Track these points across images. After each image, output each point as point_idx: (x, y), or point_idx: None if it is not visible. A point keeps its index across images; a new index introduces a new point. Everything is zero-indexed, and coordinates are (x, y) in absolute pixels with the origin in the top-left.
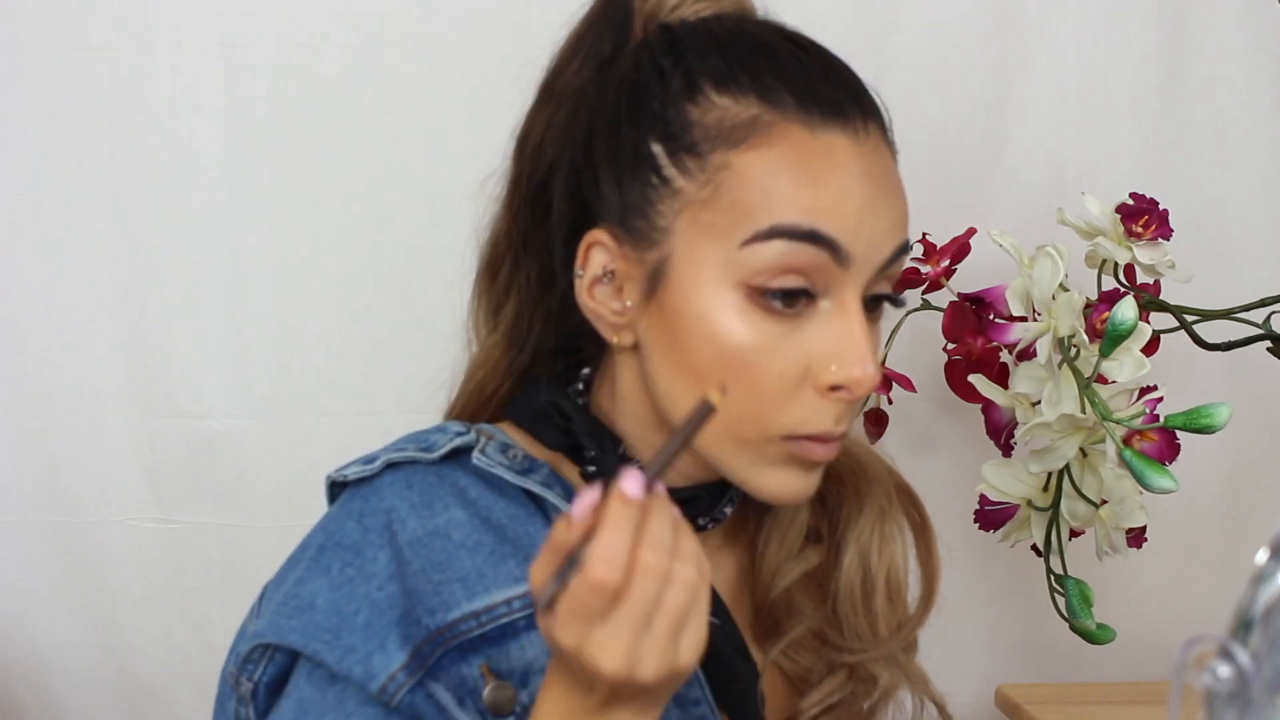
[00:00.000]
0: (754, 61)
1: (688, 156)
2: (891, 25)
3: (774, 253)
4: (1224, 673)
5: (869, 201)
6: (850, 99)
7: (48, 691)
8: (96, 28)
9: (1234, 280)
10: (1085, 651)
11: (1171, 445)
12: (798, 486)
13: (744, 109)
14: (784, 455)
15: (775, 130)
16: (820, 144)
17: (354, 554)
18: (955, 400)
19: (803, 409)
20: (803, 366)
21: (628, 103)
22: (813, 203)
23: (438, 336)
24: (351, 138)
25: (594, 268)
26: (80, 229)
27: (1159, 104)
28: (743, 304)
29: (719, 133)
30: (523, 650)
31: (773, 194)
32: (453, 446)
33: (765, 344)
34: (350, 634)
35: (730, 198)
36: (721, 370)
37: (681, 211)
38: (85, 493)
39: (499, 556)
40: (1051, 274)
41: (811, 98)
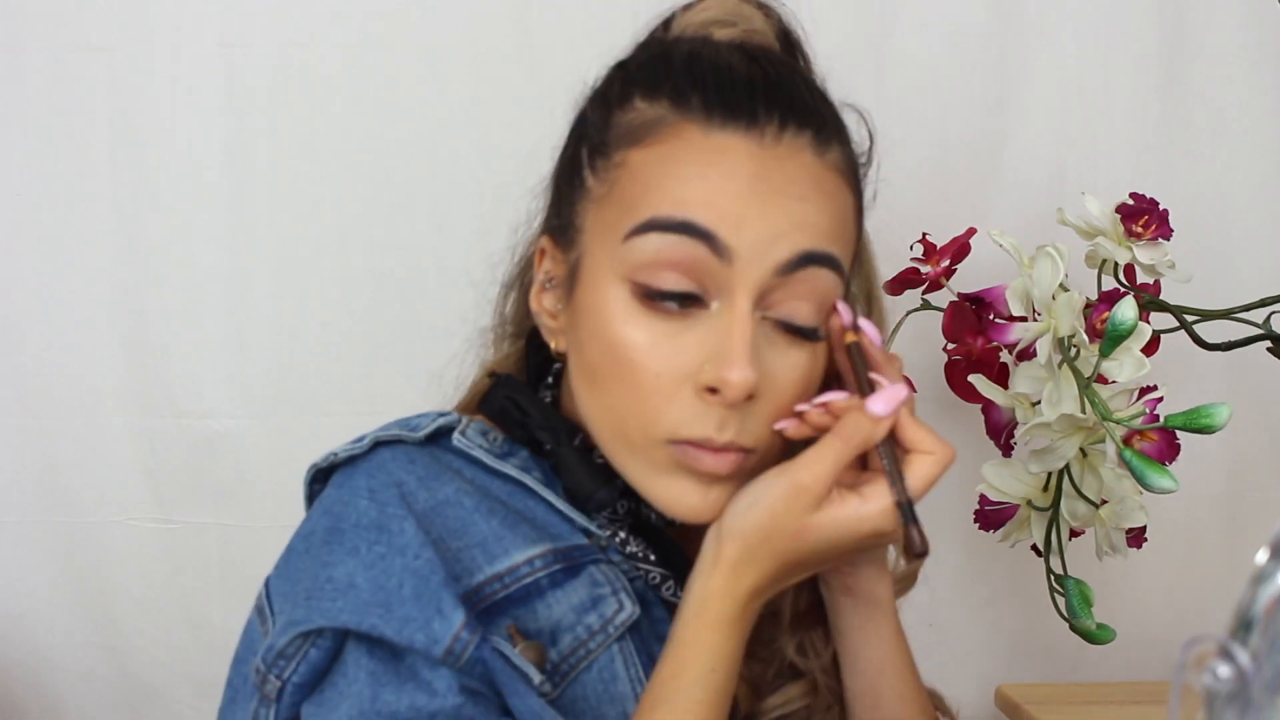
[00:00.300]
0: (681, 70)
1: (598, 157)
2: (891, 25)
3: (651, 246)
4: (1224, 673)
5: (755, 198)
6: (771, 107)
7: (48, 691)
8: (96, 28)
9: (1234, 280)
10: (1085, 651)
11: (1171, 445)
12: (693, 500)
13: (654, 110)
14: (672, 462)
15: (672, 129)
16: (713, 143)
17: (379, 531)
18: (955, 400)
19: (681, 411)
20: (682, 368)
21: (580, 113)
22: (688, 195)
23: (438, 336)
24: (351, 138)
25: (541, 273)
26: (80, 229)
27: (1159, 104)
28: (629, 300)
29: (626, 132)
30: (549, 609)
31: (652, 188)
32: (435, 427)
33: (647, 342)
34: (401, 606)
35: (620, 193)
36: (609, 369)
37: (588, 210)
38: (85, 493)
39: (512, 520)
40: (1051, 274)
41: (719, 101)
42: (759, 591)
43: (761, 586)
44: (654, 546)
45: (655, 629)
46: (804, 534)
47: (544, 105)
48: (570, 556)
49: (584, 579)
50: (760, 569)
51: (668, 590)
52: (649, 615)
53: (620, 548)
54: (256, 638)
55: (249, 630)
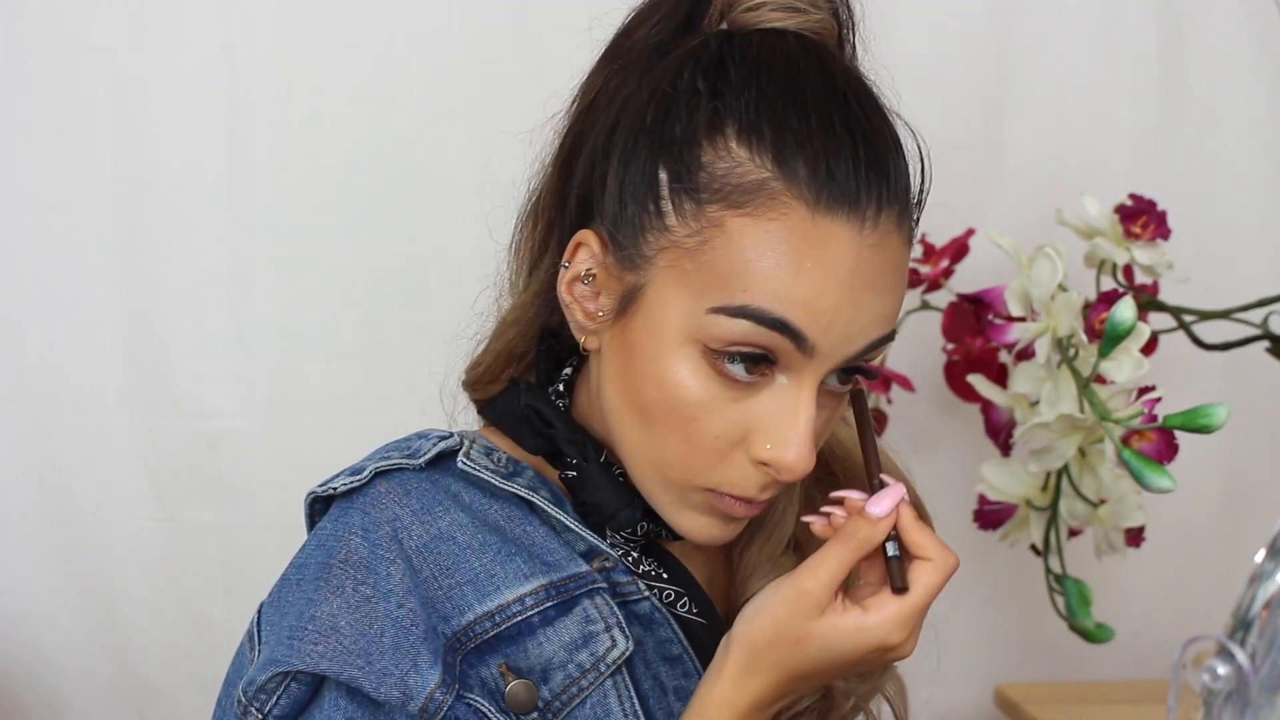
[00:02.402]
0: (784, 118)
1: (687, 198)
2: (891, 25)
3: (738, 330)
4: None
5: (850, 299)
6: (869, 184)
7: (50, 690)
8: (97, 28)
9: (1232, 281)
10: (1084, 651)
11: (1170, 445)
12: (715, 532)
13: (755, 169)
14: (705, 504)
15: (777, 203)
16: (818, 231)
17: (366, 571)
18: (954, 400)
19: (731, 471)
20: (742, 432)
21: (655, 112)
22: (789, 292)
23: (439, 336)
24: (352, 138)
25: (578, 265)
26: (81, 229)
27: (1158, 105)
28: (698, 360)
29: (723, 187)
30: (540, 647)
31: (753, 271)
32: (437, 451)
33: (710, 403)
34: (380, 657)
35: (713, 257)
36: (663, 415)
37: (666, 249)
38: (87, 492)
39: (505, 555)
40: (1050, 274)
41: (826, 177)
42: (761, 703)
43: (764, 697)
44: (664, 564)
45: (662, 649)
46: (806, 641)
47: (545, 106)
48: (564, 590)
49: (576, 615)
50: (764, 678)
51: (683, 607)
52: (655, 635)
53: (633, 567)
54: (244, 663)
55: (240, 654)
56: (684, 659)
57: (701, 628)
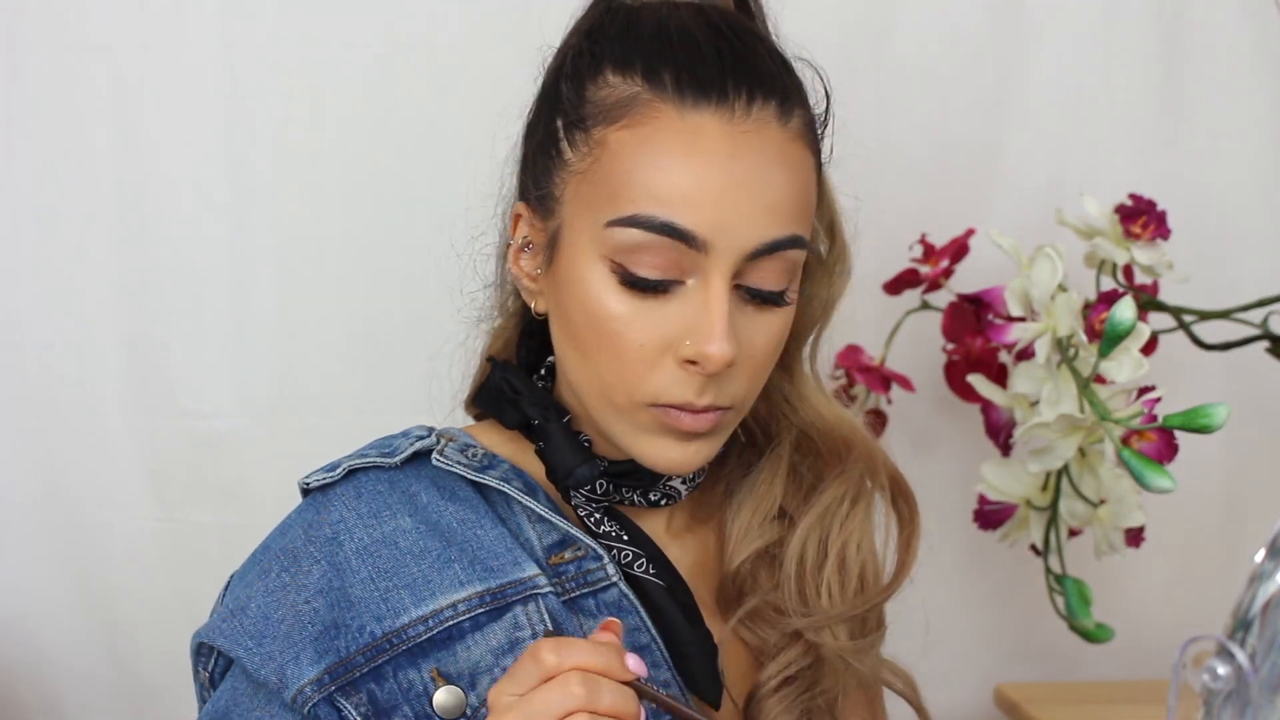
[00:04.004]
0: (650, 44)
1: (577, 130)
2: (891, 27)
3: (632, 239)
4: (1222, 671)
5: (733, 188)
6: (737, 78)
7: (50, 690)
8: (97, 27)
9: (1232, 281)
10: (1084, 651)
11: (1170, 445)
12: (674, 454)
13: (628, 87)
14: (655, 423)
15: (649, 110)
16: (688, 126)
17: (292, 560)
18: (954, 400)
19: (663, 379)
20: (664, 340)
21: (550, 81)
22: (669, 191)
23: (439, 336)
24: (353, 137)
25: (518, 237)
26: (81, 229)
27: (1157, 105)
28: (609, 277)
29: (602, 109)
30: (469, 652)
31: (635, 180)
32: (414, 450)
33: (629, 315)
34: (271, 642)
35: (603, 174)
36: (593, 338)
37: (569, 182)
38: (87, 493)
39: (444, 561)
40: (1050, 274)
41: (690, 77)
42: None
43: None
44: (626, 529)
45: (631, 638)
46: None
47: None
48: (500, 596)
49: (506, 621)
50: None
51: (640, 567)
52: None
53: (594, 528)
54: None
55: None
56: (652, 648)
57: (659, 589)
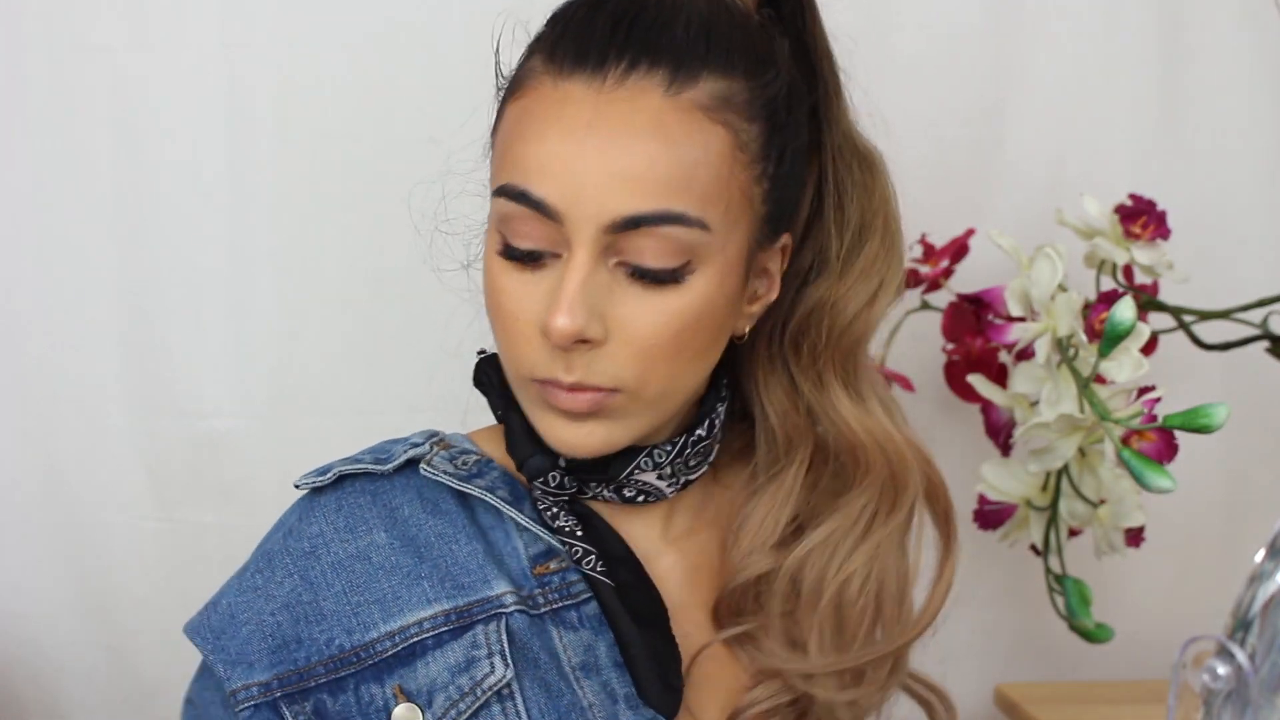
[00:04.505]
0: (564, 19)
1: (499, 106)
2: (891, 26)
3: (502, 209)
4: (1222, 671)
5: (582, 154)
6: (622, 45)
7: (50, 690)
8: (97, 28)
9: (1232, 281)
10: (1084, 651)
11: (1170, 445)
12: (563, 434)
13: (531, 62)
14: (540, 400)
15: (532, 81)
16: (558, 94)
17: (267, 564)
18: (954, 400)
19: (535, 353)
20: (535, 313)
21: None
22: (526, 160)
23: (439, 336)
24: (353, 137)
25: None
26: (81, 229)
27: (1157, 105)
28: (495, 248)
29: (511, 84)
30: (428, 668)
31: (509, 150)
32: (406, 458)
33: (510, 288)
34: (230, 640)
35: (497, 145)
36: (490, 309)
37: (490, 159)
38: (87, 493)
39: (414, 578)
40: (1050, 274)
41: (571, 46)
42: None
43: None
44: (586, 526)
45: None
46: None
47: None
48: (465, 615)
49: (465, 640)
50: None
51: (588, 564)
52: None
53: (550, 522)
54: None
55: None
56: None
57: (607, 589)
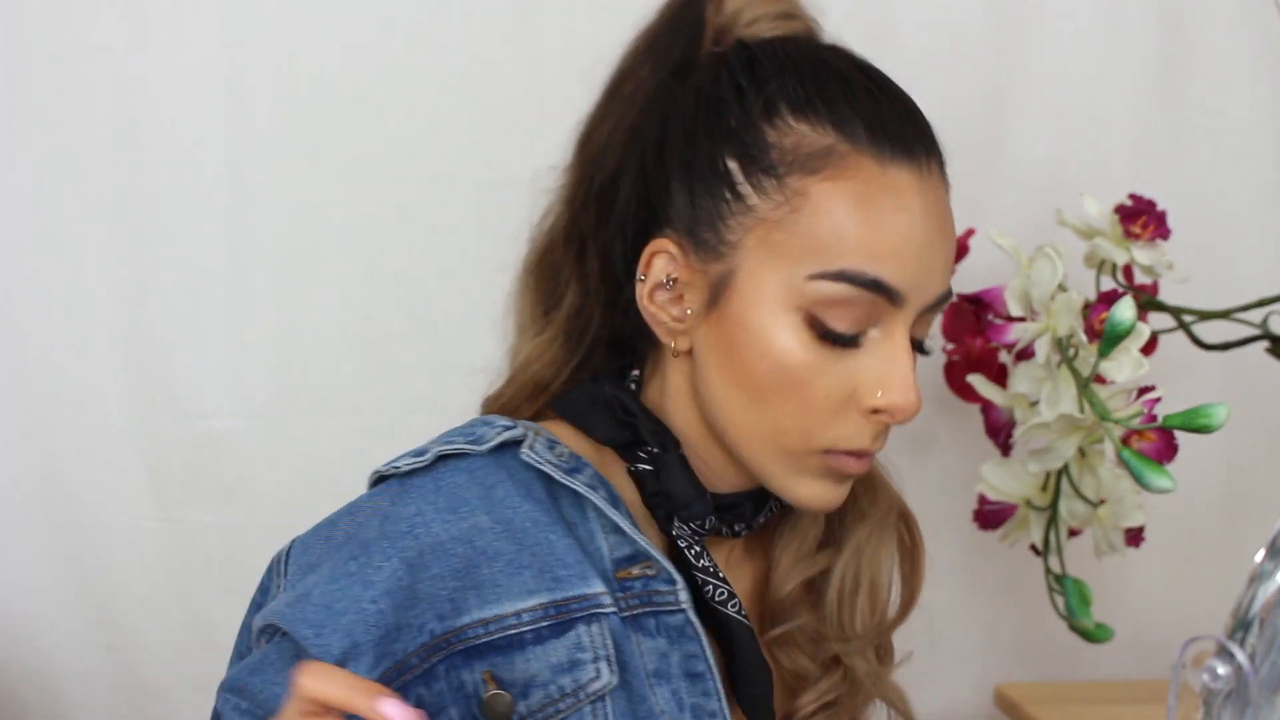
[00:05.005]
0: (830, 90)
1: (765, 177)
2: (891, 25)
3: (837, 292)
4: (1222, 671)
5: (927, 245)
6: (916, 135)
7: (50, 690)
8: (97, 28)
9: (1232, 281)
10: (1084, 651)
11: (1170, 445)
12: (830, 496)
13: (820, 137)
14: (821, 467)
15: (849, 162)
16: (889, 180)
17: (362, 550)
18: (954, 400)
19: (845, 427)
20: (850, 389)
21: (705, 115)
22: (877, 247)
23: (439, 336)
24: (353, 138)
25: (656, 273)
26: (81, 229)
27: (1157, 105)
28: (800, 326)
29: (795, 158)
30: (528, 663)
31: (844, 233)
32: (500, 440)
33: (817, 365)
34: (331, 634)
35: (804, 225)
36: (774, 384)
37: (753, 229)
38: (87, 493)
39: (516, 567)
40: (1050, 274)
41: (883, 132)
42: None
43: None
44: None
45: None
46: None
47: (544, 106)
48: (564, 610)
49: (569, 639)
50: None
51: (733, 607)
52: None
53: (695, 560)
54: (268, 588)
55: (265, 577)
56: (706, 677)
57: (744, 630)
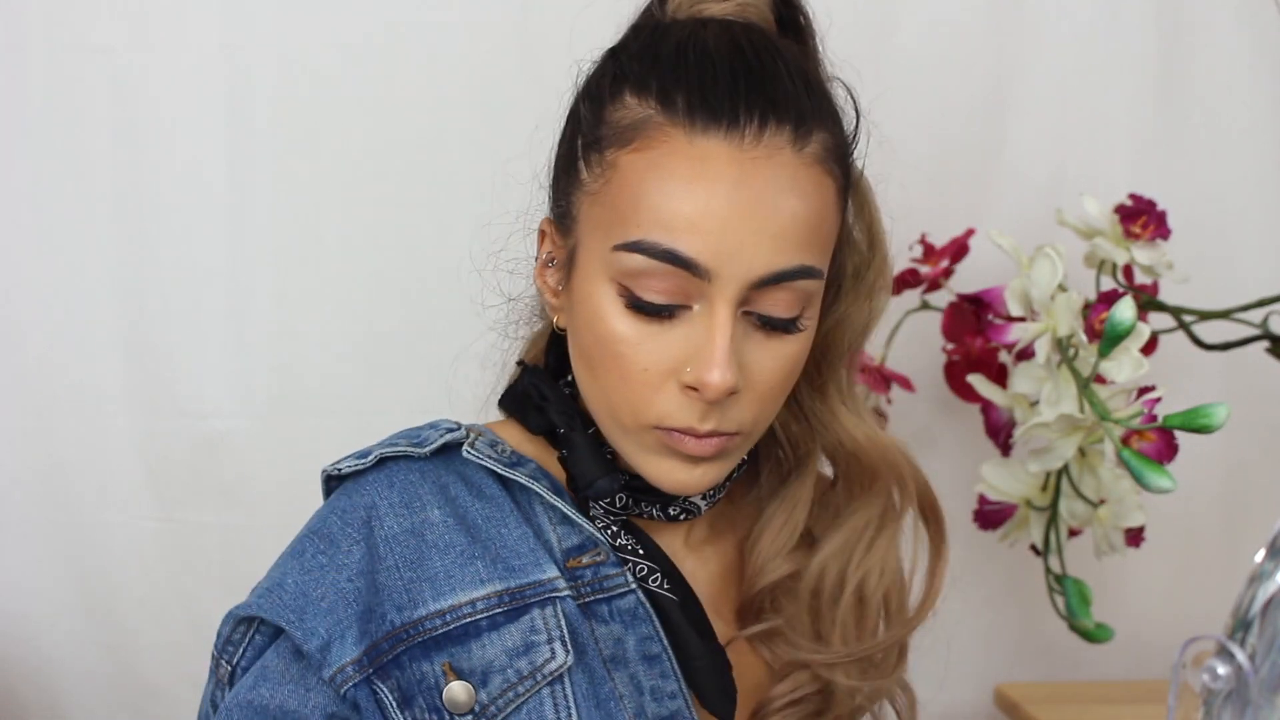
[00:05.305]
0: (668, 66)
1: (593, 150)
2: (891, 25)
3: (637, 264)
4: (1222, 671)
5: (737, 216)
6: (749, 103)
7: (50, 690)
8: (97, 28)
9: (1232, 281)
10: (1084, 651)
11: (1170, 445)
12: (680, 476)
13: (642, 110)
14: (659, 445)
15: (659, 133)
16: (696, 151)
17: (328, 543)
18: (954, 400)
19: (667, 403)
20: (669, 363)
21: (575, 101)
22: (674, 217)
23: (439, 336)
24: (352, 138)
25: (543, 252)
26: (81, 229)
27: (1157, 105)
28: (615, 298)
29: (616, 131)
30: (484, 650)
31: (643, 205)
32: (443, 442)
33: (635, 338)
34: (314, 617)
35: (612, 196)
36: (599, 355)
37: (583, 202)
38: (87, 492)
39: (468, 558)
40: (1050, 274)
41: (701, 102)
42: None
43: None
44: (642, 543)
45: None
46: None
47: (544, 105)
48: (518, 597)
49: (523, 623)
50: None
51: (654, 582)
52: (636, 632)
53: (611, 540)
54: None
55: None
56: (662, 658)
57: (672, 604)
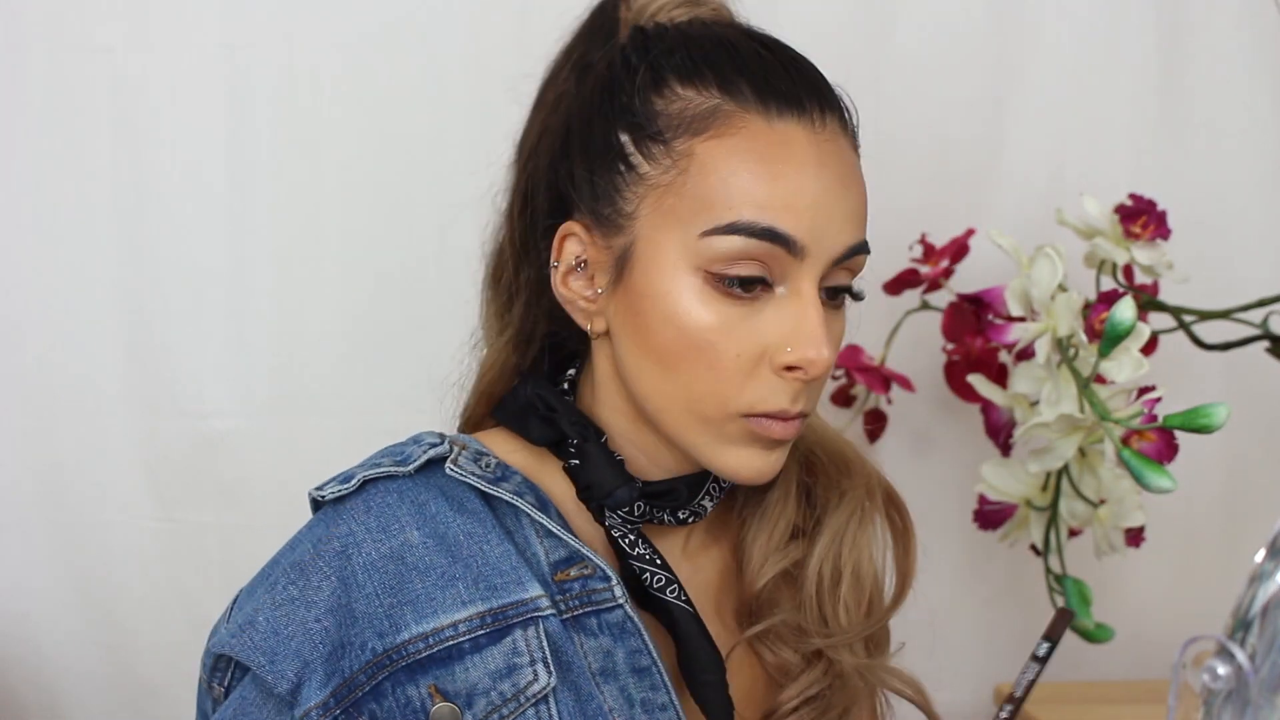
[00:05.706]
0: (716, 56)
1: (653, 144)
2: (891, 25)
3: (732, 246)
4: (1222, 671)
5: (824, 195)
6: (808, 91)
7: (50, 689)
8: (97, 28)
9: (1232, 281)
10: (1084, 650)
11: (1170, 445)
12: (758, 464)
13: (706, 99)
14: (744, 433)
15: (735, 120)
16: (777, 135)
17: (300, 574)
18: (954, 400)
19: (760, 388)
20: (760, 348)
21: (599, 98)
22: (769, 199)
23: (439, 336)
24: (353, 138)
25: (568, 258)
26: (81, 229)
27: (1157, 105)
28: (701, 287)
29: (682, 121)
30: (467, 672)
31: (732, 188)
32: (427, 458)
33: (723, 325)
34: (284, 660)
35: (693, 185)
36: (682, 349)
37: (646, 197)
38: (87, 492)
39: (448, 579)
40: (1050, 274)
41: (769, 89)
42: None
43: None
44: (655, 552)
45: (631, 660)
46: None
47: None
48: (500, 617)
49: (505, 645)
50: None
51: (672, 593)
52: (626, 645)
53: (629, 549)
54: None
55: (215, 627)
56: (652, 670)
57: (687, 616)
